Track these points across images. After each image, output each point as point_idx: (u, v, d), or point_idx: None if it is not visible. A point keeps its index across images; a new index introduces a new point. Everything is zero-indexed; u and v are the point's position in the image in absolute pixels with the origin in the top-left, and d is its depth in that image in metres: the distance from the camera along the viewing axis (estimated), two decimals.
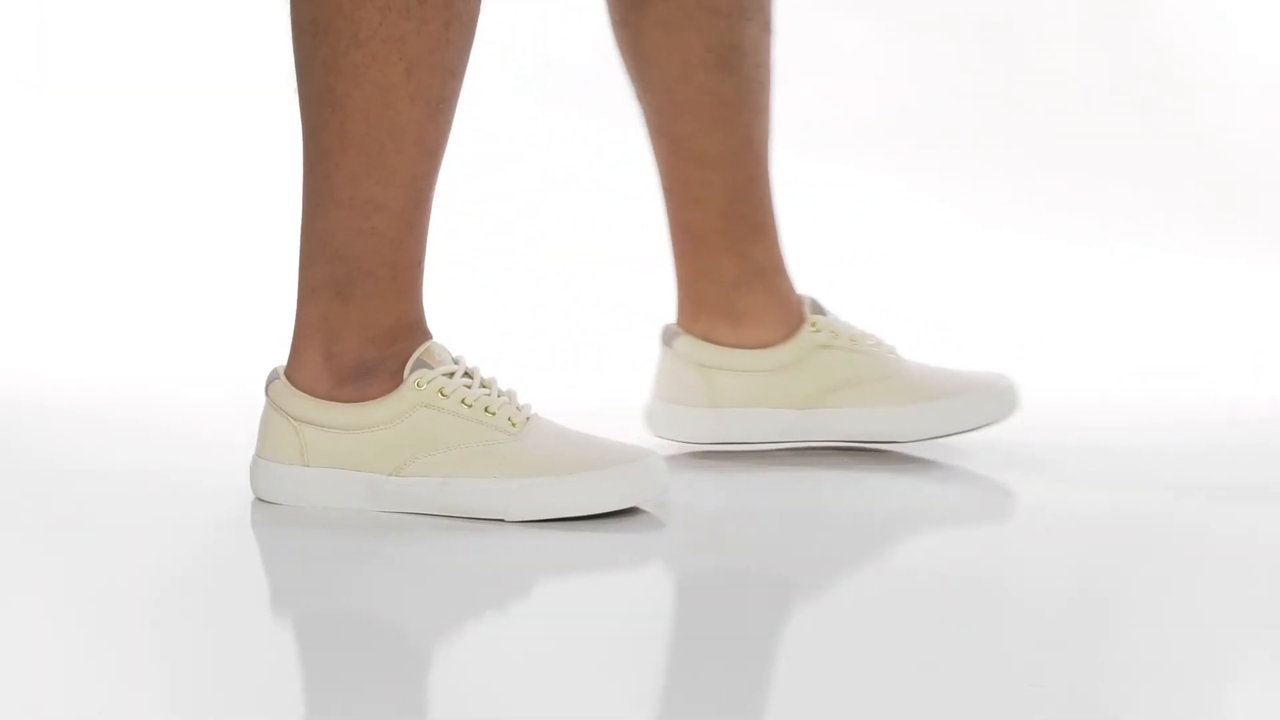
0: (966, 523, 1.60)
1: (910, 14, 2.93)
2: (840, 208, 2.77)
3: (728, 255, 1.74)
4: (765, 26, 1.73)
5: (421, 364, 1.50)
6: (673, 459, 1.70)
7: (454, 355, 1.52)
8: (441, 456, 1.48)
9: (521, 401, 1.52)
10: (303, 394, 1.51)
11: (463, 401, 1.49)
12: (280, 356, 1.55)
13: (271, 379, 1.54)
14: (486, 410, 1.49)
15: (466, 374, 1.51)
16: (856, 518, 1.58)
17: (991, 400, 1.72)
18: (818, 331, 1.74)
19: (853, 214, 2.79)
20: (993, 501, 1.68)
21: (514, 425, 1.49)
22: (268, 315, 2.37)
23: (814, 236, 2.16)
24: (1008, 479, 1.70)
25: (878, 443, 1.74)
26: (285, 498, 1.52)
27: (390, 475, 1.49)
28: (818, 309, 1.75)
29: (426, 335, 1.54)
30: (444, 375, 1.49)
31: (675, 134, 1.73)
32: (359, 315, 1.51)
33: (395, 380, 1.50)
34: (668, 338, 1.76)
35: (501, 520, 1.47)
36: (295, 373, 1.53)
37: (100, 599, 1.29)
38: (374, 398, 1.50)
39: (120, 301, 2.49)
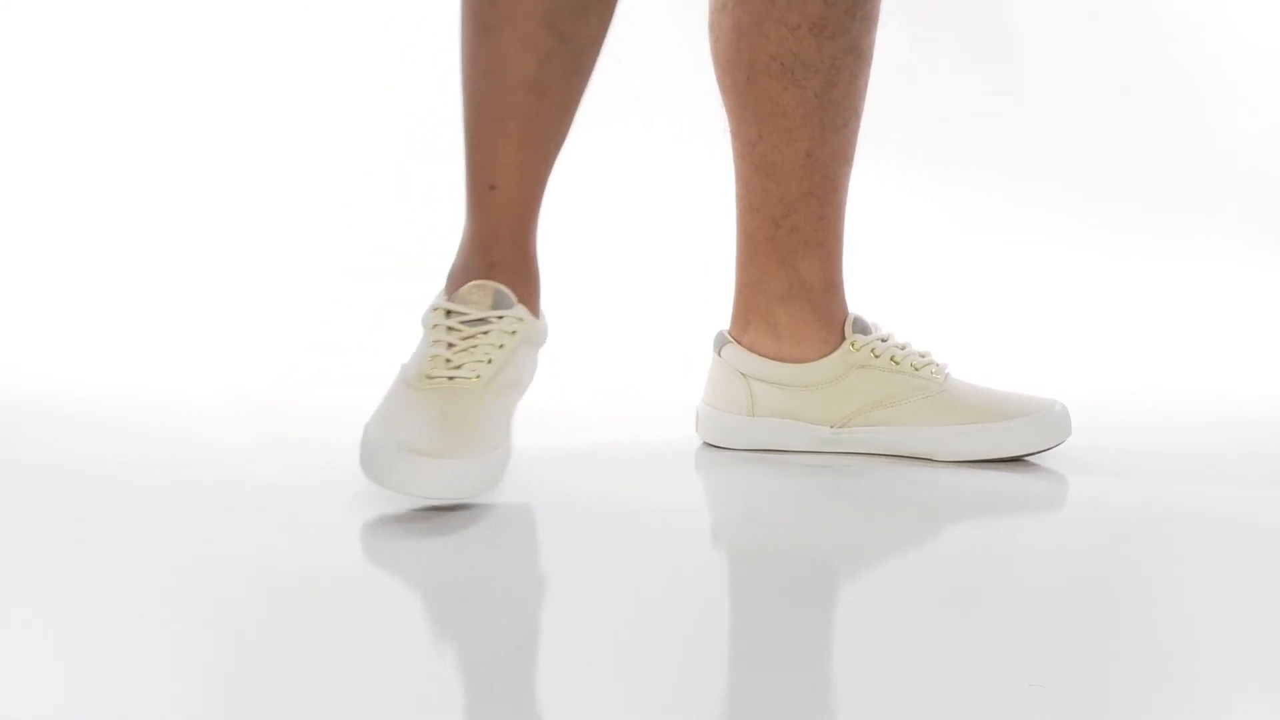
0: (1009, 513, 1.62)
1: (910, 16, 2.92)
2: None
3: (777, 267, 1.77)
4: (850, 49, 1.73)
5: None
6: (718, 454, 1.76)
7: None
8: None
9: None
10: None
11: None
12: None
13: None
14: None
15: None
16: (895, 505, 1.61)
17: (1039, 426, 1.72)
18: (856, 351, 1.75)
19: (852, 217, 2.77)
20: (1048, 491, 1.69)
21: None
22: (269, 316, 2.33)
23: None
24: (1062, 473, 1.71)
25: (916, 458, 1.74)
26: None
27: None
28: (861, 328, 1.77)
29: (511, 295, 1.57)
30: None
31: (742, 138, 1.75)
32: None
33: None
34: (718, 345, 1.79)
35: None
36: None
37: (101, 599, 1.29)
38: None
39: (121, 302, 2.48)
